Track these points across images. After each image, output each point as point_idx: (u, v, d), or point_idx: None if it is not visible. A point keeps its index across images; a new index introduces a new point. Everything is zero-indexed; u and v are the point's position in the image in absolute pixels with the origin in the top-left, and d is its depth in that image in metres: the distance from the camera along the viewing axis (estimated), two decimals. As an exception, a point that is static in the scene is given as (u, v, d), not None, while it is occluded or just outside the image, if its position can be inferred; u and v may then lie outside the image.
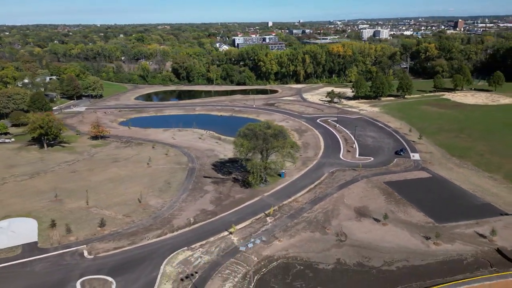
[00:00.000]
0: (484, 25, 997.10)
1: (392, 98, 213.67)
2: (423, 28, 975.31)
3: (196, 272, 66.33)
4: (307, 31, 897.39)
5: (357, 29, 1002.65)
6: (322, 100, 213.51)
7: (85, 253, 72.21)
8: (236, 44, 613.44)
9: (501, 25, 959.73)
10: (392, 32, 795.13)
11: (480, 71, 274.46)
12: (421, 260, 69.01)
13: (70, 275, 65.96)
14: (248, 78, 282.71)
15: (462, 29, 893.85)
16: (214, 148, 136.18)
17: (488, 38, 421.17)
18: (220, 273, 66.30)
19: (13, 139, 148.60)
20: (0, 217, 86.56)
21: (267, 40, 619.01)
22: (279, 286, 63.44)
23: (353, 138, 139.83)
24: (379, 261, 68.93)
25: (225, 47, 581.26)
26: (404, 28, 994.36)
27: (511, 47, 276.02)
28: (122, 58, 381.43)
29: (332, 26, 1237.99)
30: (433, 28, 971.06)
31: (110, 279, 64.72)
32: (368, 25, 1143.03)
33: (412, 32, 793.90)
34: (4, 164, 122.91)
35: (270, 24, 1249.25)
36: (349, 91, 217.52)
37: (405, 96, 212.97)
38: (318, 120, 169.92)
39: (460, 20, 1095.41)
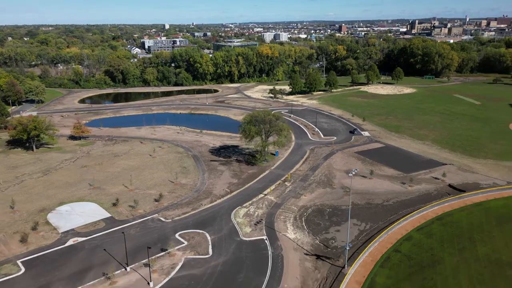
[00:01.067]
0: (362, 29, 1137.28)
1: (321, 92, 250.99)
2: (312, 31, 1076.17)
3: (262, 220, 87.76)
4: (208, 34, 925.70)
5: (253, 32, 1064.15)
6: (265, 96, 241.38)
7: (162, 219, 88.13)
8: (146, 47, 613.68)
9: (375, 29, 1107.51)
10: (289, 36, 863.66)
11: (379, 68, 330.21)
12: (405, 196, 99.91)
13: (164, 232, 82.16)
14: (185, 79, 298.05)
15: (346, 32, 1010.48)
16: (199, 140, 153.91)
17: (373, 41, 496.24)
18: (279, 218, 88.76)
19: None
20: (56, 204, 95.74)
21: (178, 43, 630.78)
22: (322, 221, 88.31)
23: (312, 124, 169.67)
24: (380, 200, 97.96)
25: (137, 50, 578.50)
26: (296, 31, 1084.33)
27: (401, 49, 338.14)
28: (39, 62, 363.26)
29: (229, 29, 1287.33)
30: (321, 31, 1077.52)
31: (200, 231, 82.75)
32: (262, 29, 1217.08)
33: (306, 35, 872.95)
34: (3, 166, 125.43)
35: (167, 26, 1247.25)
36: (286, 88, 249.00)
37: (332, 90, 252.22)
38: (273, 112, 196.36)
39: (343, 24, 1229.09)
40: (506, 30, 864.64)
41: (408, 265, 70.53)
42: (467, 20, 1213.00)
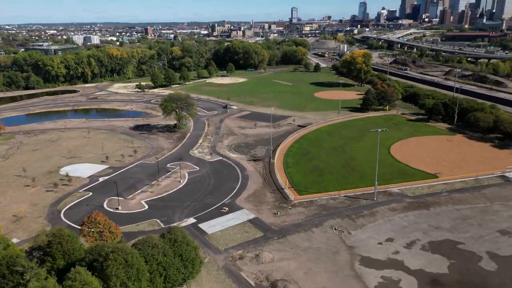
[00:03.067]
0: (166, 31, 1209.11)
1: (177, 85, 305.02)
2: (117, 33, 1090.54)
3: (212, 152, 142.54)
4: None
5: (47, 34, 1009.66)
6: (133, 91, 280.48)
7: (148, 162, 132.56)
8: None
9: (178, 31, 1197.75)
10: (100, 38, 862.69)
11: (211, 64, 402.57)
12: (279, 133, 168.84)
13: (159, 166, 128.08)
14: (37, 82, 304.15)
15: (153, 34, 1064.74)
16: (112, 124, 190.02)
17: (188, 43, 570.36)
18: (219, 151, 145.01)
19: None
20: (57, 168, 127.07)
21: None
22: (244, 149, 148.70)
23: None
24: (267, 137, 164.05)
25: None
26: (100, 34, 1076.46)
27: (226, 48, 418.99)
28: None
29: (13, 31, 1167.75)
30: (127, 33, 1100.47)
31: (181, 162, 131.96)
32: (56, 31, 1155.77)
33: (116, 38, 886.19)
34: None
35: None
36: (149, 83, 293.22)
37: (186, 83, 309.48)
38: (152, 101, 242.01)
39: (148, 27, 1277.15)
40: (284, 32, 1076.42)
41: (298, 154, 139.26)
42: (253, 23, 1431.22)
